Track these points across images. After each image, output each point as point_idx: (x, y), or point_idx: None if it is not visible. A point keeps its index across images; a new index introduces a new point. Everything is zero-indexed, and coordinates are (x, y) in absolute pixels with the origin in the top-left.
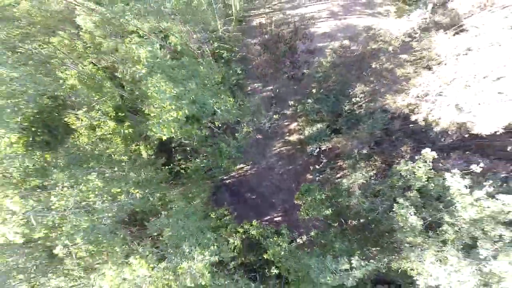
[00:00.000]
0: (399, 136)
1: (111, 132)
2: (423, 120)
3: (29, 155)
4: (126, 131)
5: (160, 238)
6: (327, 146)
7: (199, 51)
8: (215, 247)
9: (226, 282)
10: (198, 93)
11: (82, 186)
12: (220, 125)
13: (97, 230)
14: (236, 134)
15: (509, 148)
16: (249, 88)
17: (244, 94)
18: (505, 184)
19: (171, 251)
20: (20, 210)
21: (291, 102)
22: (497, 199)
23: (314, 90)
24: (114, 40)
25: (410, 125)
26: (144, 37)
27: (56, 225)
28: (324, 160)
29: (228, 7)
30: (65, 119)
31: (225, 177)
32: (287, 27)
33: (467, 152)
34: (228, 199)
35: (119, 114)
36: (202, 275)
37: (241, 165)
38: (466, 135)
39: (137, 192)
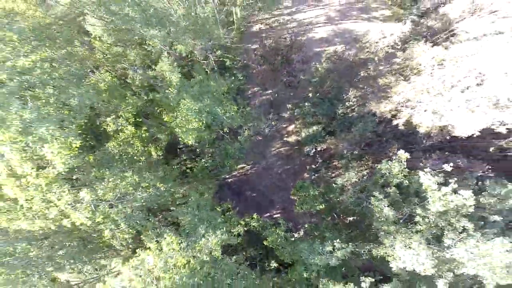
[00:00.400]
0: (388, 138)
1: (132, 136)
2: (403, 125)
3: (81, 156)
4: (143, 134)
5: (181, 223)
6: (322, 147)
7: (205, 61)
8: (225, 228)
9: (231, 266)
10: (211, 106)
11: (122, 181)
12: (227, 131)
13: (134, 216)
14: (239, 137)
15: (491, 149)
16: (249, 92)
17: (246, 102)
18: (480, 182)
19: (191, 233)
20: (88, 199)
21: (289, 106)
22: (459, 194)
23: (310, 94)
24: (123, 46)
25: (399, 128)
26: (163, 55)
27: (106, 212)
28: (320, 160)
29: (229, 15)
30: (104, 126)
31: (227, 176)
32: (284, 40)
33: (446, 153)
34: (230, 197)
35: (137, 119)
36: (215, 250)
37: (242, 165)
38: (448, 137)
39: (162, 185)
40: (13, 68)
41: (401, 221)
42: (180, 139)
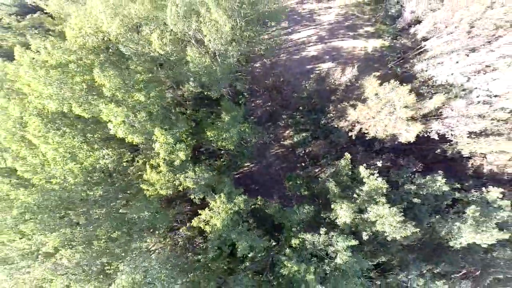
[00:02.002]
0: (357, 144)
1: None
2: (355, 135)
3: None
4: (189, 142)
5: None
6: (309, 149)
7: (229, 96)
8: (242, 196)
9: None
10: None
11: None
12: (248, 140)
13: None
14: (248, 144)
15: (438, 151)
16: (253, 104)
17: (253, 120)
18: (413, 175)
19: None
20: None
21: (284, 116)
22: (376, 180)
23: (300, 107)
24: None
25: (365, 136)
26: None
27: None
28: (307, 160)
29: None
30: None
31: (235, 173)
32: (279, 79)
33: (390, 154)
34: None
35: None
36: (240, 206)
37: (248, 163)
38: (396, 143)
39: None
40: None
41: (348, 195)
42: (214, 145)
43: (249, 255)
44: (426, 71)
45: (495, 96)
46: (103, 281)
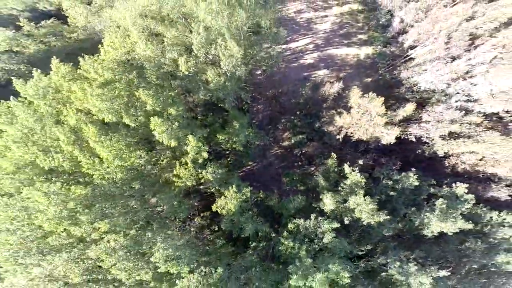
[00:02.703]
0: (346, 145)
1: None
2: (342, 138)
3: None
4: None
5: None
6: (306, 150)
7: (236, 104)
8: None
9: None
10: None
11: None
12: (253, 143)
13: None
14: (251, 145)
15: (419, 151)
16: (255, 109)
17: (256, 124)
18: (392, 172)
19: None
20: None
21: (283, 120)
22: (360, 175)
23: (297, 112)
24: None
25: (351, 138)
26: None
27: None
28: (304, 159)
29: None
30: None
31: (239, 171)
32: (277, 90)
33: (374, 154)
34: None
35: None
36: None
37: (250, 163)
38: (379, 144)
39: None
40: None
41: (335, 188)
42: (224, 146)
43: (252, 245)
44: (411, 77)
45: (475, 101)
46: (141, 259)
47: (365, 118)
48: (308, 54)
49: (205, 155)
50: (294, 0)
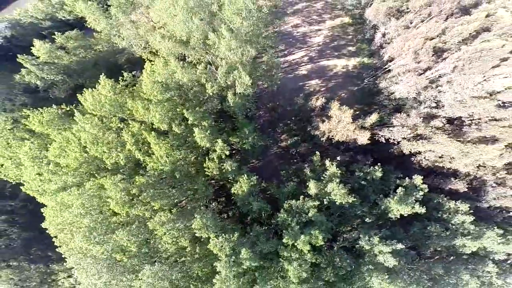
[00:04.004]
0: (332, 145)
1: None
2: (325, 140)
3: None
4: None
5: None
6: (299, 149)
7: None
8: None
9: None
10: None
11: None
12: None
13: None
14: (256, 146)
15: (390, 150)
16: (257, 114)
17: (258, 128)
18: (364, 166)
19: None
20: None
21: (280, 124)
22: (337, 168)
23: (293, 118)
24: None
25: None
26: None
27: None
28: (298, 157)
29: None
30: None
31: (246, 166)
32: (276, 103)
33: (351, 152)
34: None
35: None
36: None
37: (253, 160)
38: (356, 145)
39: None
40: None
41: (319, 178)
42: (235, 147)
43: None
44: (389, 87)
45: (442, 107)
46: (182, 229)
47: (340, 125)
48: (303, 65)
49: (227, 153)
50: (292, 15)
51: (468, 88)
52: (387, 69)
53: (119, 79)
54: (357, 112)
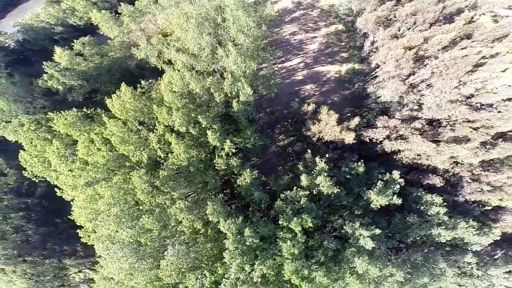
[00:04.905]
0: (323, 144)
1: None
2: (318, 140)
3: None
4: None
5: None
6: (295, 148)
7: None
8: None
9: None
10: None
11: None
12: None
13: None
14: (256, 145)
15: (374, 149)
16: (257, 117)
17: (259, 129)
18: (350, 162)
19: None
20: None
21: (278, 126)
22: (325, 164)
23: (289, 120)
24: None
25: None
26: None
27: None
28: (294, 155)
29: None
30: None
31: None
32: (274, 109)
33: (339, 150)
34: None
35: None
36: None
37: (254, 158)
38: (345, 144)
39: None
40: None
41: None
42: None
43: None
44: (376, 91)
45: (421, 109)
46: (197, 215)
47: (327, 127)
48: (299, 71)
49: (233, 151)
50: (289, 23)
51: (446, 92)
52: (374, 75)
53: (137, 86)
54: (348, 114)
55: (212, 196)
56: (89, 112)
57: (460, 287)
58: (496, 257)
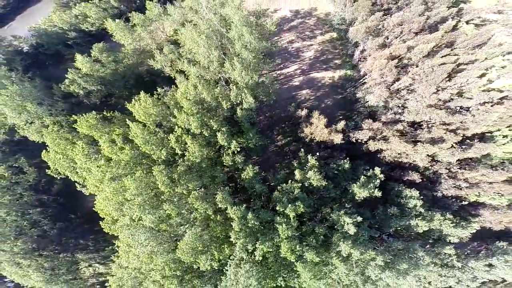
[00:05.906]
0: (316, 144)
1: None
2: (310, 140)
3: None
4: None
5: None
6: (292, 148)
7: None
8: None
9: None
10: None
11: None
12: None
13: None
14: (257, 145)
15: (361, 148)
16: (257, 119)
17: (259, 130)
18: (338, 160)
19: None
20: None
21: (276, 127)
22: (316, 161)
23: (286, 122)
24: None
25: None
26: None
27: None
28: (291, 154)
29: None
30: None
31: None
32: (273, 113)
33: (329, 150)
34: None
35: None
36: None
37: (255, 157)
38: (335, 144)
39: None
40: None
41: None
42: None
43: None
44: (364, 96)
45: (405, 113)
46: (209, 202)
47: (318, 129)
48: (296, 77)
49: (238, 149)
50: (288, 31)
51: (425, 97)
52: (363, 82)
53: (154, 93)
54: (340, 117)
55: (221, 187)
56: (108, 115)
57: (441, 277)
58: (481, 252)
